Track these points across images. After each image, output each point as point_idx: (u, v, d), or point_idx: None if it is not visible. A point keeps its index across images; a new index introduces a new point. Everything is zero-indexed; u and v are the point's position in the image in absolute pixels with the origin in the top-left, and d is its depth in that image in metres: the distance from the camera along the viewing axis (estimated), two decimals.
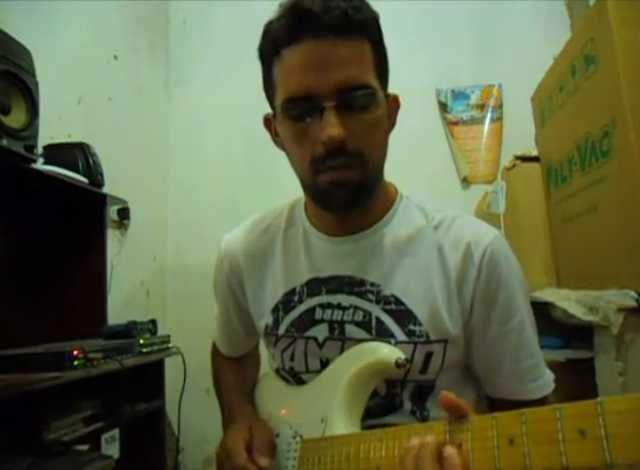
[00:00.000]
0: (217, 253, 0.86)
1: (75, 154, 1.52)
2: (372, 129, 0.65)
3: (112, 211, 1.93)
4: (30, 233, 1.50)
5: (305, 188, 0.72)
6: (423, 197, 0.78)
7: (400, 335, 0.68)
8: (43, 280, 1.55)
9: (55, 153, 1.47)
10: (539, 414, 0.41)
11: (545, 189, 1.56)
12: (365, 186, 0.67)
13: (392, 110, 0.71)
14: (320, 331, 0.73)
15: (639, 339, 1.03)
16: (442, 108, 2.36)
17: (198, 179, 2.48)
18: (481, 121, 2.32)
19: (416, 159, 2.18)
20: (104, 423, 1.32)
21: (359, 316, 0.70)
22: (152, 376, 1.60)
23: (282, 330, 0.76)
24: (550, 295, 1.29)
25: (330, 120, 0.61)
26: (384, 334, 0.68)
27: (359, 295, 0.71)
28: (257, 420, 0.79)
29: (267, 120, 0.73)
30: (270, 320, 0.78)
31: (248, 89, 1.36)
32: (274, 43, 0.64)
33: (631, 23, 1.07)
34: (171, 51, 2.59)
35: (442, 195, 2.13)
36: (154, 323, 1.65)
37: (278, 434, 0.75)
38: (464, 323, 0.69)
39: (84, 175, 1.51)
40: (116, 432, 1.38)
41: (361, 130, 0.63)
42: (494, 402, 0.72)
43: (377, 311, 0.70)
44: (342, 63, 0.61)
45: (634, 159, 1.04)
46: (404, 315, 0.68)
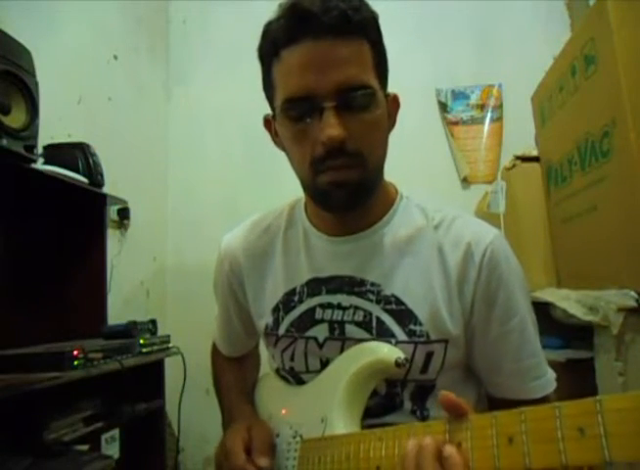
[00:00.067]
0: (217, 253, 0.86)
1: (75, 154, 1.52)
2: (372, 129, 0.65)
3: (112, 211, 1.93)
4: (30, 233, 1.50)
5: (305, 188, 0.72)
6: (423, 197, 0.78)
7: (401, 335, 0.68)
8: (43, 280, 1.55)
9: (55, 153, 1.47)
10: (538, 413, 0.41)
11: (545, 189, 1.56)
12: (365, 186, 0.67)
13: (392, 109, 0.71)
14: (320, 331, 0.73)
15: (639, 339, 1.02)
16: (442, 108, 2.36)
17: (198, 179, 2.48)
18: (481, 121, 2.32)
19: (416, 159, 2.18)
20: (104, 423, 1.32)
21: (359, 316, 0.70)
22: (152, 376, 1.60)
23: (282, 330, 0.76)
24: (550, 295, 1.29)
25: (329, 121, 0.61)
26: (384, 334, 0.68)
27: (359, 295, 0.71)
28: (257, 420, 0.79)
29: (267, 121, 0.73)
30: (270, 320, 0.78)
31: (248, 89, 1.36)
32: (273, 44, 0.64)
33: (631, 23, 1.07)
34: (171, 51, 2.59)
35: (442, 195, 2.13)
36: (154, 323, 1.65)
37: (278, 434, 0.75)
38: (464, 323, 0.69)
39: (84, 175, 1.51)
40: (116, 432, 1.39)
41: (361, 130, 0.63)
42: (495, 402, 0.72)
43: (377, 311, 0.69)
44: (342, 63, 0.61)
45: (634, 159, 1.04)
46: (405, 315, 0.68)
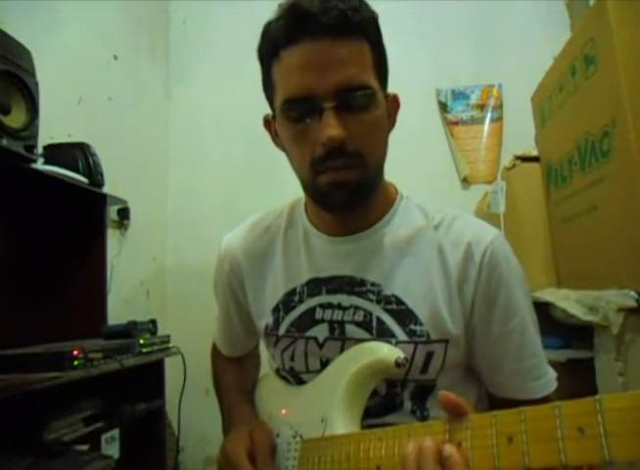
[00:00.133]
0: (218, 253, 0.86)
1: (75, 154, 1.52)
2: (372, 130, 0.65)
3: (112, 211, 1.93)
4: (30, 233, 1.50)
5: (305, 189, 0.72)
6: (423, 197, 0.78)
7: (401, 335, 0.68)
8: (43, 280, 1.55)
9: (55, 153, 1.47)
10: (538, 412, 0.41)
11: (545, 189, 1.56)
12: (365, 186, 0.67)
13: (392, 110, 0.71)
14: (320, 331, 0.73)
15: (639, 339, 1.02)
16: (442, 108, 2.36)
17: (198, 179, 2.48)
18: (481, 121, 2.32)
19: (416, 159, 2.18)
20: (104, 423, 1.32)
21: (360, 316, 0.70)
22: (152, 376, 1.60)
23: (282, 330, 0.76)
24: (550, 295, 1.29)
25: (329, 121, 0.61)
26: (384, 334, 0.68)
27: (360, 295, 0.71)
28: (257, 422, 0.78)
29: (267, 121, 0.73)
30: (270, 320, 0.78)
31: (248, 89, 1.36)
32: (273, 44, 0.64)
33: (631, 23, 1.07)
34: (171, 51, 2.59)
35: (442, 195, 2.13)
36: (154, 323, 1.65)
37: (278, 434, 0.75)
38: (465, 323, 0.69)
39: (84, 175, 1.51)
40: (116, 432, 1.38)
41: (361, 131, 0.63)
42: (496, 402, 0.72)
43: (377, 311, 0.69)
44: (342, 63, 0.61)
45: (634, 159, 1.04)
46: (405, 315, 0.68)
